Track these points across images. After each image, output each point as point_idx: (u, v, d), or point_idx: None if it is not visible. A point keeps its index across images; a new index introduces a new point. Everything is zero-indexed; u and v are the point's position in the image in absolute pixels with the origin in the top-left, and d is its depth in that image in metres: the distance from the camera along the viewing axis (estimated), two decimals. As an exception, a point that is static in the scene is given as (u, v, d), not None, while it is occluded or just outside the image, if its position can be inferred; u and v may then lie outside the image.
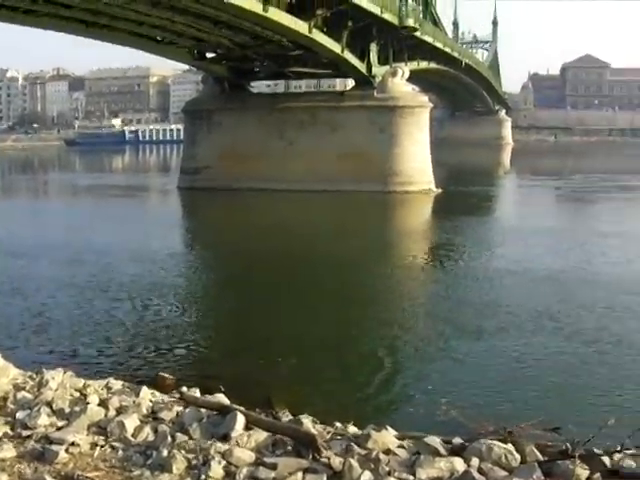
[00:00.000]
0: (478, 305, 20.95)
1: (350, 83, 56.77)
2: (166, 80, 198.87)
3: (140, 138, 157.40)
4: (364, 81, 54.87)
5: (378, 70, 55.27)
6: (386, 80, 55.16)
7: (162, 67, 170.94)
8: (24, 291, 22.88)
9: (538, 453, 8.73)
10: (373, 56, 54.93)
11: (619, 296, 21.89)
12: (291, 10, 43.47)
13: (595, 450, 8.70)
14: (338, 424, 10.06)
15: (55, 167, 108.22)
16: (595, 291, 22.76)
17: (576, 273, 25.52)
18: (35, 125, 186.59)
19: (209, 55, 54.95)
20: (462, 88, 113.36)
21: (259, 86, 61.14)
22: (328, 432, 9.56)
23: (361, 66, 53.66)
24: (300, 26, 43.34)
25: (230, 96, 57.38)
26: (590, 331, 18.21)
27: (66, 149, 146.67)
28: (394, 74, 55.81)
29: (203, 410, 9.62)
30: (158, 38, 47.77)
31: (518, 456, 8.63)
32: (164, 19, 41.26)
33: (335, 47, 48.76)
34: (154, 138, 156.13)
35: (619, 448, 8.72)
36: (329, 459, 8.29)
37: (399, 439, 9.39)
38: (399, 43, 59.55)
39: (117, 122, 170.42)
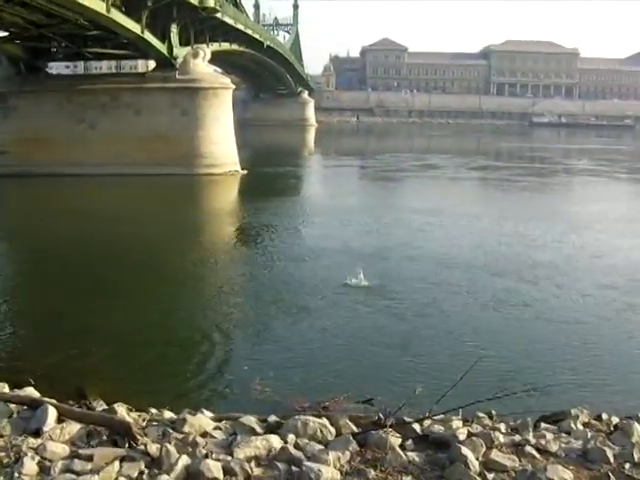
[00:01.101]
0: (286, 284, 21.36)
1: (152, 64, 55.70)
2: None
3: None
4: (166, 62, 53.97)
5: (179, 51, 54.61)
6: (187, 61, 54.59)
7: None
8: None
9: (352, 425, 9.12)
10: (174, 37, 54.11)
11: (438, 270, 23.10)
12: (86, -12, 41.83)
13: (406, 418, 9.19)
14: (153, 410, 10.06)
15: None
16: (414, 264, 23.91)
17: (385, 249, 26.62)
18: None
19: (1, 34, 52.16)
20: (265, 70, 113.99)
21: (58, 67, 58.61)
22: (143, 419, 9.56)
23: (162, 47, 52.73)
24: (97, 4, 41.70)
25: (27, 78, 54.82)
26: (401, 304, 19.09)
27: None
28: (195, 55, 55.39)
29: (12, 405, 9.34)
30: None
31: (333, 429, 8.99)
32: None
33: (135, 27, 47.57)
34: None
35: (427, 415, 9.26)
36: (146, 446, 8.32)
37: (215, 421, 9.55)
38: (200, 24, 58.97)
39: None
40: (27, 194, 44.83)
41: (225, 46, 70.92)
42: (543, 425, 9.86)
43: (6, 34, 51.84)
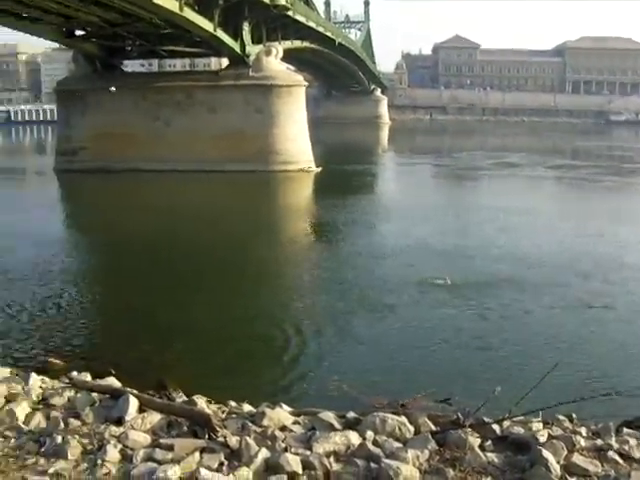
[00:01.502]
0: (368, 282, 21.27)
1: (225, 62, 56.10)
2: (36, 58, 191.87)
3: (12, 118, 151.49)
4: (238, 60, 54.39)
5: (252, 49, 54.93)
6: (260, 59, 54.85)
7: (31, 45, 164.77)
8: None
9: (431, 424, 8.98)
10: (246, 35, 54.45)
11: (520, 270, 22.72)
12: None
13: (485, 419, 9.02)
14: (232, 403, 10.08)
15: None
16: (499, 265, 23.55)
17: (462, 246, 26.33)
18: None
19: (78, 33, 53.28)
20: (337, 67, 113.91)
21: (133, 65, 59.70)
22: (223, 411, 9.59)
23: (234, 45, 53.12)
24: (170, 3, 42.31)
25: (103, 76, 55.93)
26: (484, 303, 18.86)
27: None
28: (268, 53, 55.58)
29: (95, 394, 9.47)
30: (24, 15, 45.85)
31: (412, 428, 8.86)
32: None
33: (207, 25, 48.07)
34: (27, 118, 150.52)
35: (507, 416, 9.07)
36: (225, 438, 8.32)
37: (294, 415, 9.51)
38: (272, 22, 59.28)
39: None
40: (105, 189, 45.77)
41: (297, 44, 71.06)
42: (626, 430, 9.57)
43: (82, 33, 53.05)
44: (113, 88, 52.63)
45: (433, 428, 8.90)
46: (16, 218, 33.36)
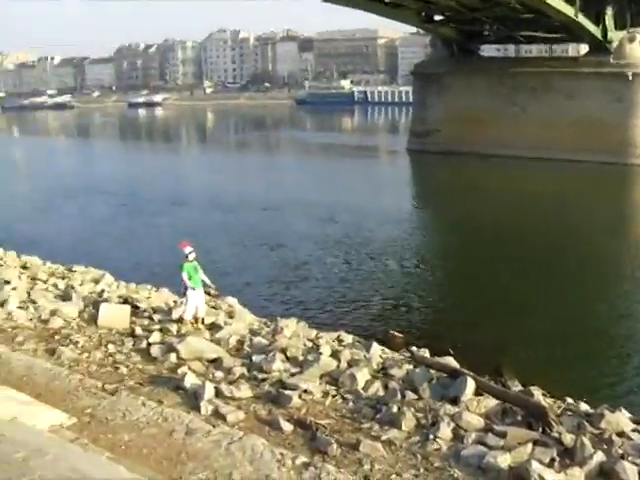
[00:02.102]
0: None
1: (583, 49, 54.02)
2: (393, 43, 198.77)
3: (368, 99, 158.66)
4: (599, 47, 52.06)
5: (614, 35, 52.12)
6: (623, 46, 51.77)
7: (389, 29, 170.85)
8: (274, 245, 24.57)
9: None
10: (609, 20, 51.74)
11: None
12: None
13: None
14: (569, 400, 9.77)
15: (286, 124, 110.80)
16: None
17: None
18: (266, 84, 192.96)
19: (437, 18, 54.34)
20: None
21: (488, 50, 59.71)
22: (558, 407, 9.34)
23: (596, 31, 50.81)
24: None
25: (459, 59, 56.58)
26: None
27: (296, 108, 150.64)
28: (632, 39, 52.29)
29: (433, 371, 9.69)
30: (386, 1, 47.73)
31: None
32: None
33: (568, 10, 46.41)
34: (382, 99, 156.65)
35: None
36: (560, 434, 8.09)
37: (634, 422, 9.02)
38: (637, 6, 55.97)
39: (346, 83, 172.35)
40: (453, 171, 46.28)
41: (667, 30, 66.49)
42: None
43: (441, 18, 53.96)
44: None
45: None
46: (373, 196, 35.16)
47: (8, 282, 14.46)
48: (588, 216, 30.99)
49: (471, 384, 8.99)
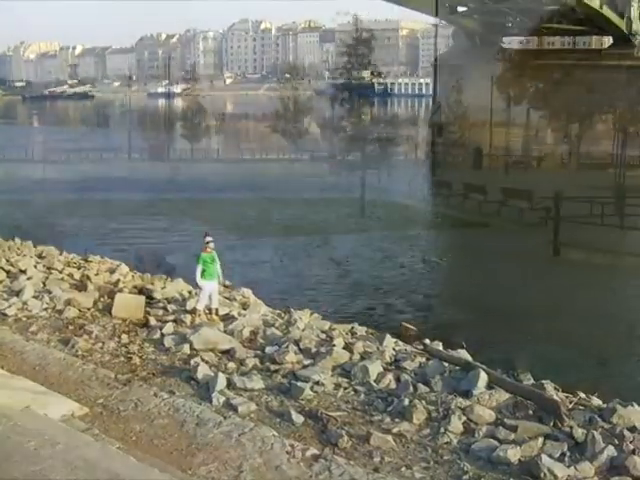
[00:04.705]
0: None
1: (607, 41, 53.69)
2: (415, 34, 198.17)
3: (389, 91, 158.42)
4: (623, 39, 51.74)
5: (639, 27, 51.95)
6: (648, 39, 51.70)
7: (411, 21, 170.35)
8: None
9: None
10: (634, 12, 51.57)
11: None
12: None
13: None
14: (581, 394, 9.73)
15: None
16: None
17: None
18: (287, 75, 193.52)
19: (460, 9, 54.12)
20: None
21: (511, 42, 59.42)
22: (570, 401, 9.29)
23: (620, 23, 50.56)
24: (555, -22, 41.46)
25: (481, 51, 56.29)
26: None
27: (316, 99, 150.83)
28: (655, 34, 52.18)
29: (445, 364, 9.68)
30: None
31: None
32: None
33: (593, 2, 46.24)
34: (403, 92, 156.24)
35: None
36: (571, 429, 8.07)
37: (646, 417, 8.97)
38: (664, -2, 55.54)
39: (366, 74, 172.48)
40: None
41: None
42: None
43: (464, 9, 53.67)
44: None
45: None
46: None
47: (24, 271, 14.55)
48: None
49: (483, 377, 8.98)
